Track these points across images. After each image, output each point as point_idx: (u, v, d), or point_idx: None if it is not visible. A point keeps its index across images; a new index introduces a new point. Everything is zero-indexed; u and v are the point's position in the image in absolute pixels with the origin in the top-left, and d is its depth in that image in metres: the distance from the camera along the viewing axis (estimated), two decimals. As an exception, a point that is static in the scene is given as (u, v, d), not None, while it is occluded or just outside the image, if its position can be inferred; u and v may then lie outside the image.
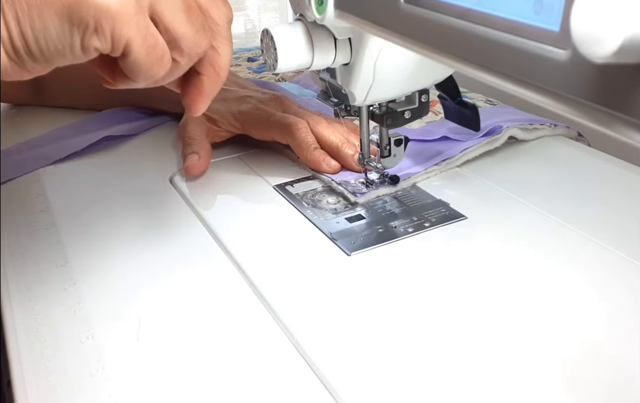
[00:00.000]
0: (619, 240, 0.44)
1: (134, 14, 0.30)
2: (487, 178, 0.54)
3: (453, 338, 0.36)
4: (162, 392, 0.33)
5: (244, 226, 0.48)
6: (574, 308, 0.38)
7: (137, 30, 0.31)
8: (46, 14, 0.29)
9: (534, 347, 0.35)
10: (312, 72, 0.51)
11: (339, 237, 0.46)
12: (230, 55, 0.38)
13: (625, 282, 0.40)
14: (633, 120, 0.20)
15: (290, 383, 0.34)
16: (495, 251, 0.44)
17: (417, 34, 0.31)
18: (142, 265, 0.44)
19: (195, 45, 0.34)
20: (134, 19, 0.30)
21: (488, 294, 0.40)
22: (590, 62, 0.19)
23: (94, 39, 0.30)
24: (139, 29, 0.31)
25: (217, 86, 0.38)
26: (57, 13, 0.29)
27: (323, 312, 0.39)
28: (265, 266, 0.43)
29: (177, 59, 0.34)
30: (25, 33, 0.29)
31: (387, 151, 0.51)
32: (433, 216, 0.48)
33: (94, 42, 0.30)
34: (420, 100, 0.50)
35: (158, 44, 0.32)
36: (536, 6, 0.23)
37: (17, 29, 0.29)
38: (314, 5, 0.40)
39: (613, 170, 0.56)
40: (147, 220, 0.50)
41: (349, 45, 0.45)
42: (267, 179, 0.55)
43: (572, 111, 0.23)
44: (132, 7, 0.30)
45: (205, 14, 0.35)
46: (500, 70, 0.25)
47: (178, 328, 0.38)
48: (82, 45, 0.30)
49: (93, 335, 0.38)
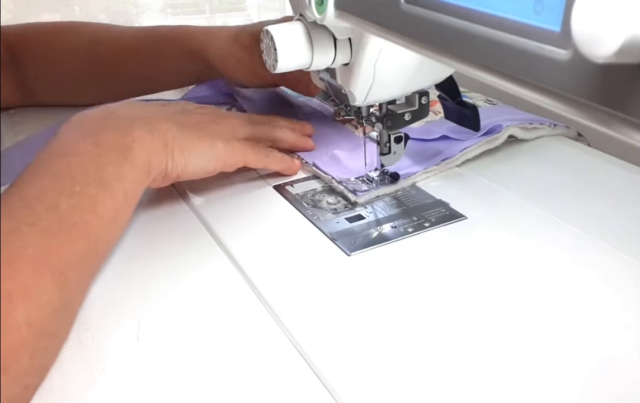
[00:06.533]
0: (619, 240, 0.44)
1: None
2: (487, 177, 0.54)
3: (453, 338, 0.36)
4: (162, 393, 0.33)
5: (244, 227, 0.48)
6: (573, 307, 0.38)
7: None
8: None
9: (534, 347, 0.35)
10: (312, 72, 0.52)
11: (339, 237, 0.46)
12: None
13: (625, 282, 0.40)
14: (633, 120, 0.20)
15: (290, 383, 0.34)
16: (495, 251, 0.44)
17: (417, 34, 0.31)
18: (142, 265, 0.44)
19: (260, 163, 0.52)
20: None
21: (488, 294, 0.40)
22: (590, 62, 0.19)
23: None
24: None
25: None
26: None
27: (323, 312, 0.39)
28: (265, 266, 0.43)
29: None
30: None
31: (387, 149, 0.51)
32: (433, 216, 0.48)
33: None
34: (420, 102, 0.50)
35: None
36: (537, 6, 0.23)
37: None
38: (314, 5, 0.40)
39: (613, 170, 0.56)
40: (147, 220, 0.49)
41: (349, 46, 0.45)
42: (266, 179, 0.55)
43: (572, 111, 0.23)
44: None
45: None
46: (500, 70, 0.25)
47: (178, 328, 0.38)
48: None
49: (93, 335, 0.38)
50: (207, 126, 0.50)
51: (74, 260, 0.36)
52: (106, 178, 0.40)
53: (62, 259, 0.35)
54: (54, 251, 0.34)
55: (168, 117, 0.47)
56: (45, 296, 0.33)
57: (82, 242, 0.36)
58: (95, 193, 0.38)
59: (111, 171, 0.40)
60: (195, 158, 0.47)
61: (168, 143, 0.45)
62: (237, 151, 0.50)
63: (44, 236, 0.34)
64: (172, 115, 0.49)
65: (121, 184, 0.40)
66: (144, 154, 0.43)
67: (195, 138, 0.47)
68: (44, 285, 0.33)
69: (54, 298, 0.33)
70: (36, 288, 0.32)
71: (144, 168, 0.43)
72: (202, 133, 0.48)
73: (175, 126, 0.46)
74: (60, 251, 0.35)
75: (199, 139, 0.47)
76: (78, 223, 0.37)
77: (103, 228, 0.39)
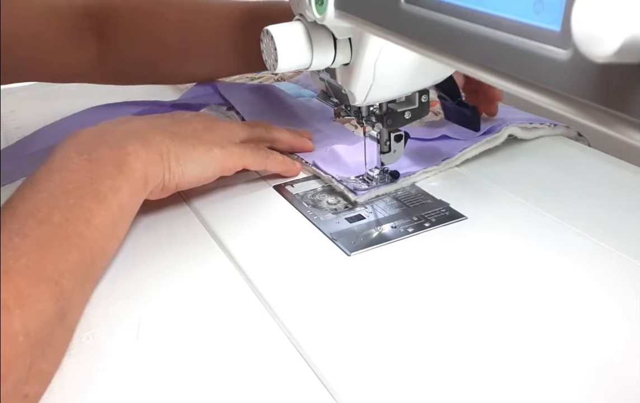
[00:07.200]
0: (619, 240, 0.44)
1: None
2: (487, 177, 0.54)
3: (453, 338, 0.36)
4: (162, 392, 0.33)
5: (244, 227, 0.48)
6: (573, 307, 0.38)
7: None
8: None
9: (534, 347, 0.35)
10: (312, 72, 0.52)
11: (339, 237, 0.46)
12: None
13: (625, 281, 0.40)
14: (633, 120, 0.20)
15: (290, 383, 0.34)
16: (495, 251, 0.44)
17: (417, 34, 0.31)
18: (142, 265, 0.44)
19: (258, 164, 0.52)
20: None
21: (488, 294, 0.40)
22: (591, 62, 0.19)
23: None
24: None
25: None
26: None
27: (323, 312, 0.39)
28: (265, 266, 0.43)
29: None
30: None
31: (387, 147, 0.51)
32: (433, 216, 0.48)
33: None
34: (420, 100, 0.50)
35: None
36: (537, 6, 0.23)
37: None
38: (314, 5, 0.40)
39: (613, 170, 0.56)
40: (147, 220, 0.49)
41: (349, 46, 0.45)
42: (267, 180, 0.55)
43: (572, 111, 0.23)
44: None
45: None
46: (500, 70, 0.25)
47: (178, 328, 0.38)
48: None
49: (93, 335, 0.38)
50: (202, 134, 0.50)
51: (69, 269, 0.36)
52: (101, 190, 0.40)
53: (57, 268, 0.35)
54: (47, 261, 0.34)
55: (162, 129, 0.48)
56: (40, 305, 0.32)
57: (77, 252, 0.36)
58: (90, 205, 0.39)
59: (106, 184, 0.40)
60: (192, 166, 0.47)
61: (164, 155, 0.45)
62: (234, 155, 0.50)
63: (37, 246, 0.34)
64: (166, 126, 0.49)
65: (117, 196, 0.40)
66: (139, 167, 0.43)
67: (190, 146, 0.47)
68: (39, 294, 0.33)
69: (50, 307, 0.33)
70: (31, 297, 0.32)
71: (140, 181, 0.43)
72: (197, 141, 0.48)
73: (170, 137, 0.47)
74: (54, 261, 0.35)
75: (194, 147, 0.47)
76: (72, 234, 0.37)
77: (98, 239, 0.39)
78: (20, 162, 0.60)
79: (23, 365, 0.31)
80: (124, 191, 0.41)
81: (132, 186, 0.42)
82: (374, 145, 0.51)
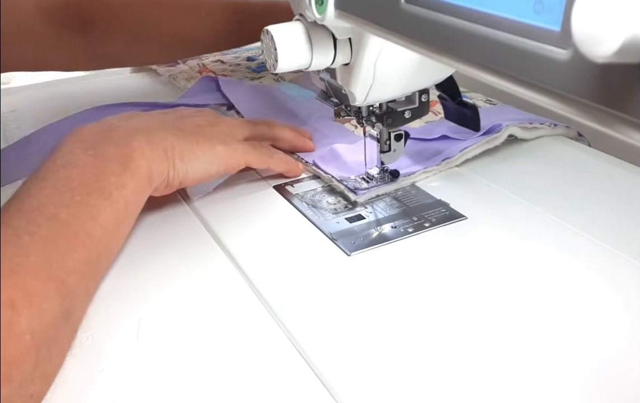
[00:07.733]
0: (619, 240, 0.44)
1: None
2: (487, 177, 0.54)
3: (453, 338, 0.36)
4: (162, 392, 0.33)
5: (244, 227, 0.48)
6: (573, 307, 0.38)
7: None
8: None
9: (534, 347, 0.35)
10: (312, 72, 0.52)
11: (339, 237, 0.46)
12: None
13: (625, 282, 0.40)
14: (633, 120, 0.20)
15: (290, 383, 0.34)
16: (495, 251, 0.44)
17: (417, 34, 0.31)
18: (142, 264, 0.44)
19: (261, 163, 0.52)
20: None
21: (488, 294, 0.40)
22: (591, 62, 0.19)
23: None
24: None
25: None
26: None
27: (323, 312, 0.39)
28: (265, 266, 0.43)
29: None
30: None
31: (386, 146, 0.51)
32: (433, 216, 0.48)
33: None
34: (420, 100, 0.50)
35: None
36: (537, 6, 0.23)
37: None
38: (314, 5, 0.40)
39: (613, 170, 0.56)
40: (147, 220, 0.49)
41: (349, 46, 0.45)
42: (267, 180, 0.55)
43: (572, 111, 0.23)
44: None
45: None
46: (500, 70, 0.25)
47: (178, 328, 0.38)
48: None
49: (93, 335, 0.38)
50: (206, 130, 0.50)
51: (76, 268, 0.36)
52: (107, 187, 0.40)
53: (64, 267, 0.35)
54: (55, 260, 0.34)
55: (166, 126, 0.48)
56: (47, 304, 0.32)
57: (83, 250, 0.37)
58: (96, 202, 0.39)
59: (112, 180, 0.40)
60: (196, 163, 0.47)
61: (168, 151, 0.45)
62: (238, 153, 0.50)
63: (45, 244, 0.34)
64: (171, 122, 0.49)
65: (122, 193, 0.40)
66: (144, 164, 0.43)
67: (194, 143, 0.47)
68: (46, 292, 0.33)
69: (56, 306, 0.33)
70: (38, 296, 0.32)
71: (145, 177, 0.43)
72: (201, 137, 0.48)
73: (174, 133, 0.46)
74: (61, 260, 0.35)
75: (198, 144, 0.47)
76: (79, 231, 0.37)
77: (104, 237, 0.39)
78: (20, 162, 0.60)
79: (29, 364, 0.31)
80: (129, 188, 0.41)
81: (137, 183, 0.42)
82: (374, 144, 0.51)
